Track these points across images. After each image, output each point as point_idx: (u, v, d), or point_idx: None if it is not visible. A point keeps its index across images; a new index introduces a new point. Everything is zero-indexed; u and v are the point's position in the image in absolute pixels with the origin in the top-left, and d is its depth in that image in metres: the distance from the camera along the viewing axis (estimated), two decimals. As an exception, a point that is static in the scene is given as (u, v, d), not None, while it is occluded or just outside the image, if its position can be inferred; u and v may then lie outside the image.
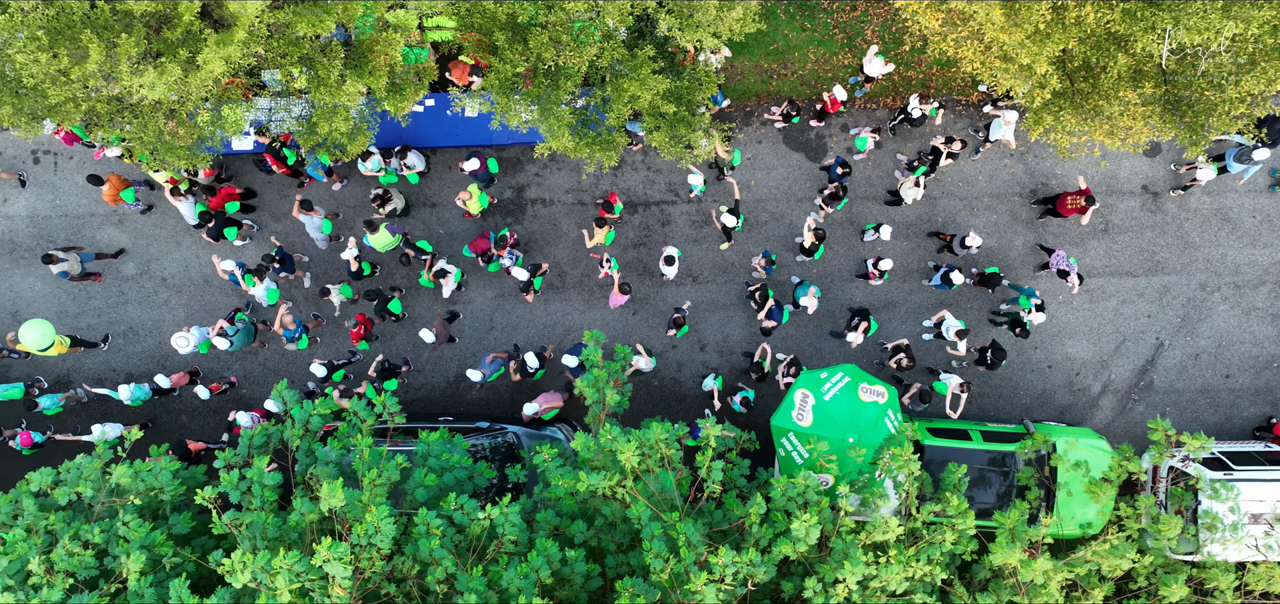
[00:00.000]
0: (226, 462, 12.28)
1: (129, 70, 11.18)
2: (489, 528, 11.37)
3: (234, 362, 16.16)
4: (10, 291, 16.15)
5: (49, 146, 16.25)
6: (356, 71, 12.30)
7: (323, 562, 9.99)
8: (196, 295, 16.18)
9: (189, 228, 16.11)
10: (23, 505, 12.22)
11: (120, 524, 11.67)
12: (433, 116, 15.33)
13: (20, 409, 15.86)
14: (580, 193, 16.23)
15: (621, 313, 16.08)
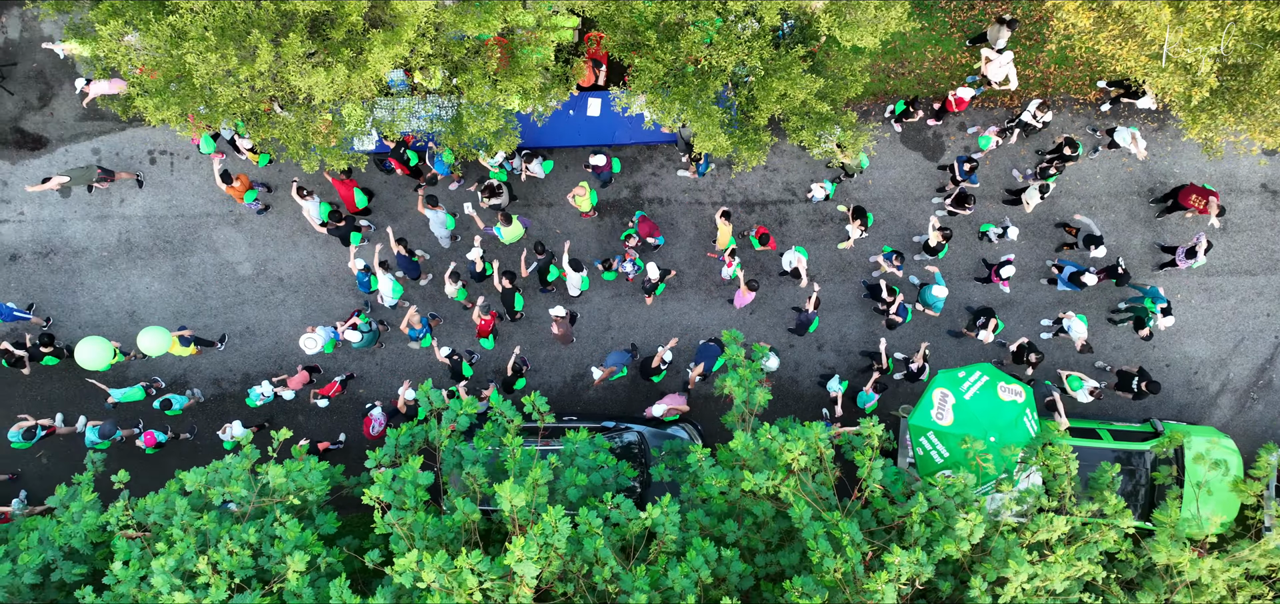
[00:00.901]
0: (377, 461, 12.29)
1: (296, 70, 11.18)
2: (648, 528, 11.33)
3: (351, 361, 16.15)
4: (127, 291, 16.13)
5: (165, 147, 16.24)
6: (508, 72, 12.29)
7: (516, 561, 9.96)
8: (313, 295, 16.16)
9: (306, 228, 16.10)
10: (175, 505, 12.20)
11: (277, 525, 11.67)
12: (554, 116, 15.31)
13: (138, 409, 15.89)
14: (697, 192, 16.21)
15: (739, 312, 16.04)
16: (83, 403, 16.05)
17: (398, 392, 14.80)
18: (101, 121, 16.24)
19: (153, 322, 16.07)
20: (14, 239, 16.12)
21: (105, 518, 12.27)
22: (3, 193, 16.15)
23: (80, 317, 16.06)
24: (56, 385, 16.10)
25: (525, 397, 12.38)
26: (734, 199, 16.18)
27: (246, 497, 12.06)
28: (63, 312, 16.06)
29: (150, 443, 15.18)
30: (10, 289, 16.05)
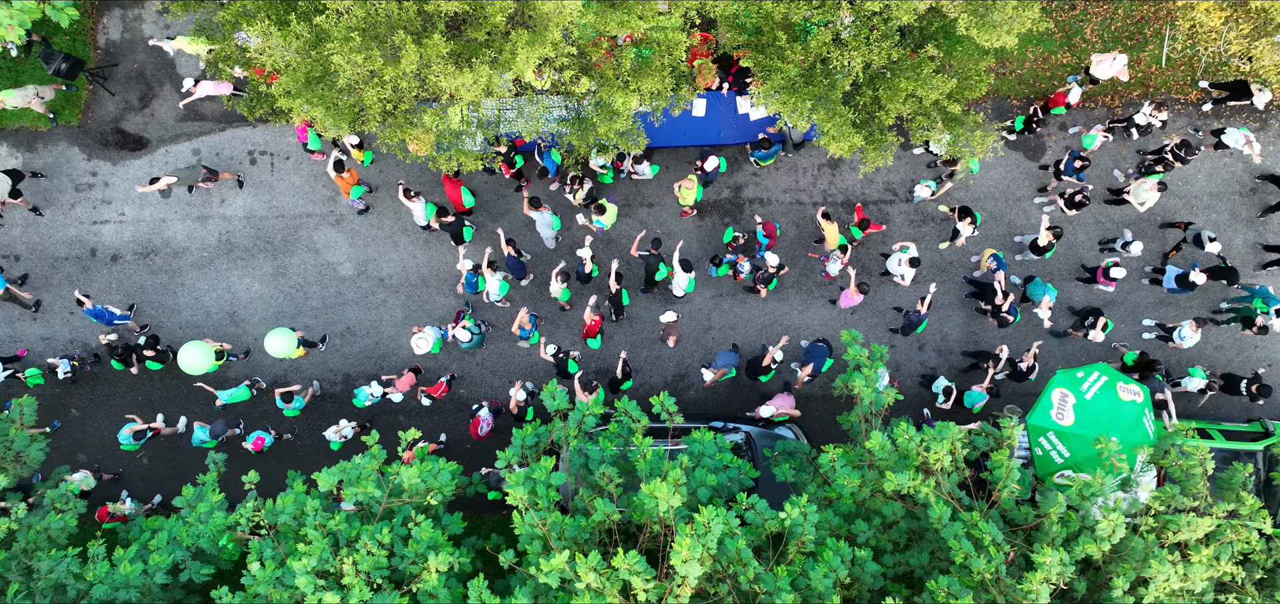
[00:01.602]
0: (508, 461, 12.30)
1: (441, 71, 11.18)
2: (786, 528, 11.31)
3: (452, 362, 16.14)
4: (228, 292, 16.13)
5: (265, 147, 16.25)
6: (638, 74, 12.27)
7: (682, 562, 9.94)
8: (414, 296, 16.15)
9: (407, 228, 16.10)
10: (307, 506, 12.18)
11: (412, 525, 11.67)
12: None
13: (239, 410, 15.91)
14: (798, 192, 16.20)
15: (840, 312, 16.03)
16: (183, 404, 16.05)
17: (509, 393, 14.78)
18: (201, 122, 16.24)
19: (253, 322, 16.07)
20: (115, 240, 16.12)
21: (233, 518, 12.27)
22: (104, 193, 16.15)
23: (180, 317, 16.05)
24: (156, 386, 16.10)
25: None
26: (835, 199, 16.17)
27: (378, 497, 12.05)
28: (163, 312, 16.06)
29: (258, 447, 15.18)
30: (111, 289, 16.04)
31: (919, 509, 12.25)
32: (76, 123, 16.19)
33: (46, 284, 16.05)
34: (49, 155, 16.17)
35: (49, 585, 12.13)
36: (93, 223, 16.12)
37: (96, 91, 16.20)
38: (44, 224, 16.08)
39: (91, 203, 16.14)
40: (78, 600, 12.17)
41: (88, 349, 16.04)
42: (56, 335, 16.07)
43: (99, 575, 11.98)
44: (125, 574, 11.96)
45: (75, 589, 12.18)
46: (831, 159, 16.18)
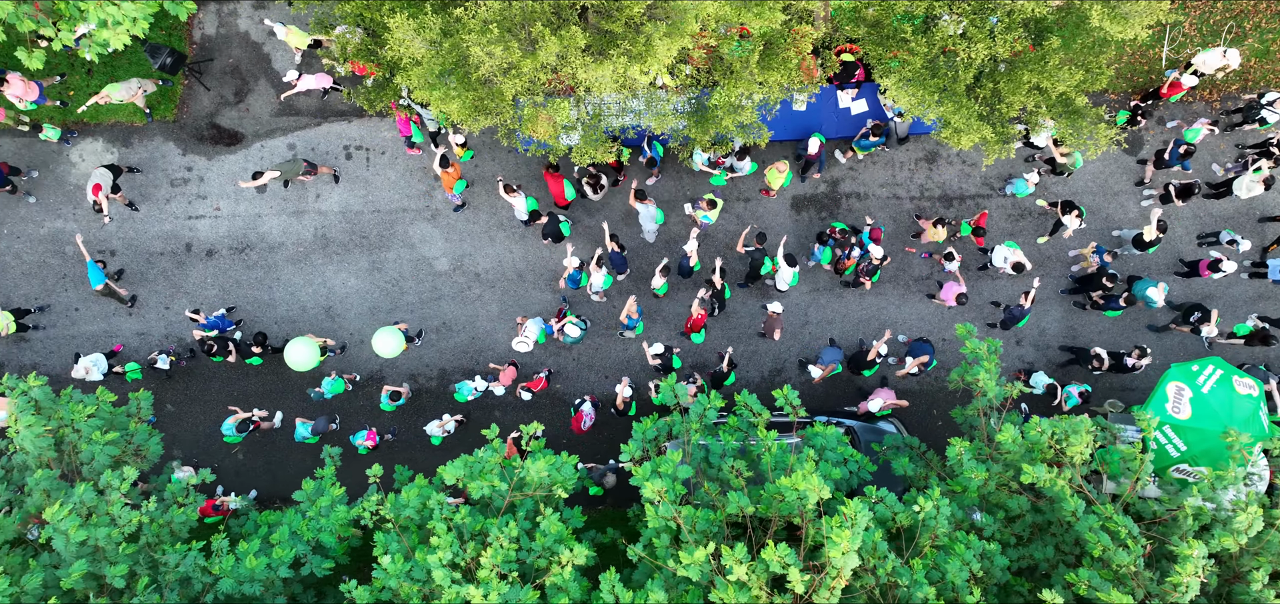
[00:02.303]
0: (631, 454, 12.29)
1: (579, 63, 11.15)
2: (918, 521, 11.27)
3: (547, 356, 16.10)
4: (324, 287, 16.11)
5: (360, 142, 16.23)
6: (764, 67, 12.23)
7: (841, 553, 9.89)
8: (510, 290, 16.12)
9: (502, 223, 16.08)
10: (431, 500, 12.15)
11: (542, 519, 11.64)
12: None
13: (333, 405, 15.91)
14: (895, 187, 16.15)
15: (937, 307, 15.97)
16: (278, 398, 16.04)
17: (615, 389, 14.75)
18: (297, 117, 16.23)
19: (349, 316, 16.05)
20: (210, 235, 16.11)
21: (356, 512, 12.28)
22: (199, 189, 16.14)
23: (276, 312, 16.03)
24: (252, 382, 16.08)
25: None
26: (932, 194, 16.12)
27: (503, 490, 12.03)
28: (259, 307, 16.04)
29: (372, 441, 15.16)
30: (207, 284, 16.03)
31: (1043, 503, 12.22)
32: (172, 118, 16.17)
33: (142, 279, 16.04)
34: (144, 150, 16.16)
35: (176, 579, 12.11)
36: (188, 218, 16.11)
37: (192, 86, 16.19)
38: (139, 219, 16.07)
39: (187, 198, 16.12)
40: (203, 594, 12.14)
41: (183, 344, 16.03)
42: (152, 330, 16.05)
43: (225, 569, 11.95)
44: (250, 568, 11.94)
45: (201, 582, 12.15)
46: (928, 153, 16.13)
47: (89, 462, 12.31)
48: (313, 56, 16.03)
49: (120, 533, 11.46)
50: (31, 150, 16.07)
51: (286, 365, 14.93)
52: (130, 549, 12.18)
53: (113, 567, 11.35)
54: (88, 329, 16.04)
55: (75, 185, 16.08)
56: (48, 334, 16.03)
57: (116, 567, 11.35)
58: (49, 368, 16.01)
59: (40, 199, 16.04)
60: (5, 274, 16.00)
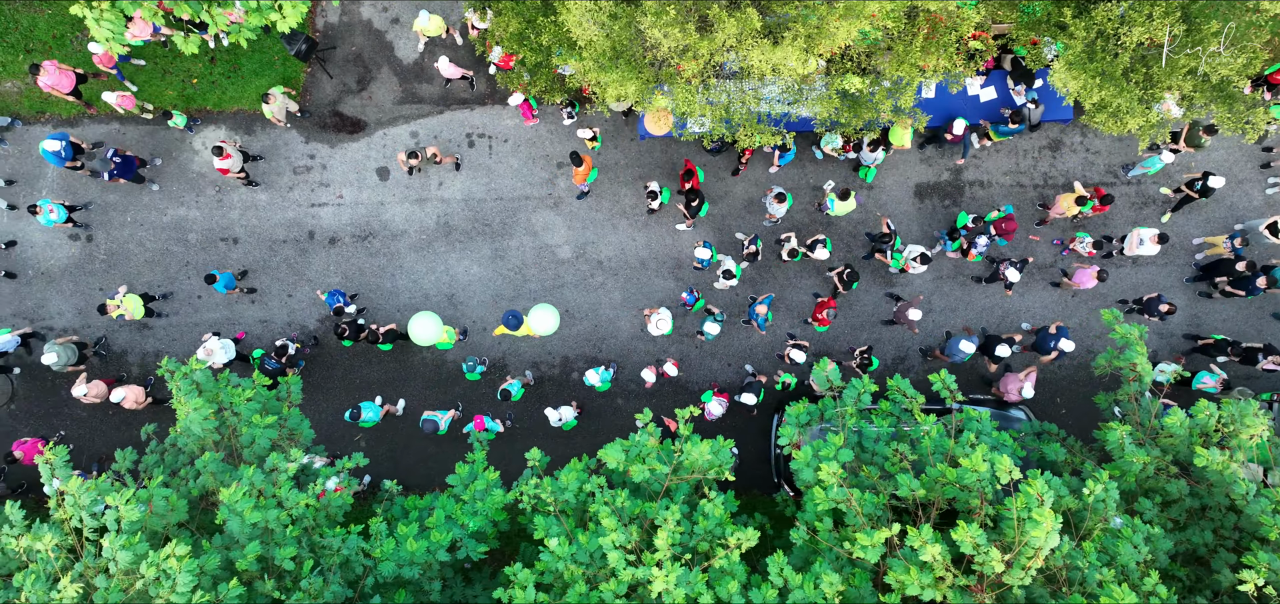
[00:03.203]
0: (790, 440, 12.31)
1: (756, 46, 11.14)
2: (1087, 505, 11.24)
3: (670, 345, 16.10)
4: (446, 274, 16.12)
5: (483, 130, 16.24)
6: (929, 49, 12.21)
7: (1045, 533, 9.86)
8: (632, 278, 16.12)
9: (625, 211, 16.07)
10: (589, 484, 12.14)
11: (707, 503, 11.63)
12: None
13: (455, 391, 15.94)
14: (1019, 175, 16.12)
15: (1063, 294, 15.94)
16: (401, 385, 16.06)
17: (743, 383, 14.75)
18: (419, 105, 16.25)
19: (471, 304, 16.07)
20: (333, 222, 16.13)
21: (513, 496, 12.29)
22: (322, 176, 16.16)
23: (399, 300, 16.04)
24: (374, 369, 16.11)
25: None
26: (1056, 181, 16.08)
27: (664, 473, 12.02)
28: (382, 295, 16.05)
29: (480, 427, 15.14)
30: (330, 272, 16.05)
31: (1201, 487, 12.18)
32: (294, 105, 16.19)
33: (265, 267, 16.07)
34: (267, 138, 16.19)
35: (337, 562, 12.13)
36: (311, 206, 16.13)
37: (315, 74, 16.22)
38: (262, 206, 16.10)
39: (309, 186, 16.15)
40: (363, 577, 12.15)
41: (307, 332, 16.05)
42: (274, 318, 16.08)
43: (386, 552, 11.96)
44: (410, 551, 11.95)
45: (361, 565, 12.16)
46: (1052, 141, 16.09)
47: (249, 444, 12.34)
48: (437, 43, 16.05)
49: (287, 515, 11.47)
50: (155, 138, 16.10)
51: (406, 355, 14.96)
52: (295, 532, 12.21)
53: (281, 549, 11.36)
54: (210, 316, 16.06)
55: (197, 173, 16.11)
56: (171, 322, 16.06)
57: (284, 549, 11.35)
58: (173, 355, 16.03)
59: (163, 187, 16.07)
60: (128, 261, 16.04)
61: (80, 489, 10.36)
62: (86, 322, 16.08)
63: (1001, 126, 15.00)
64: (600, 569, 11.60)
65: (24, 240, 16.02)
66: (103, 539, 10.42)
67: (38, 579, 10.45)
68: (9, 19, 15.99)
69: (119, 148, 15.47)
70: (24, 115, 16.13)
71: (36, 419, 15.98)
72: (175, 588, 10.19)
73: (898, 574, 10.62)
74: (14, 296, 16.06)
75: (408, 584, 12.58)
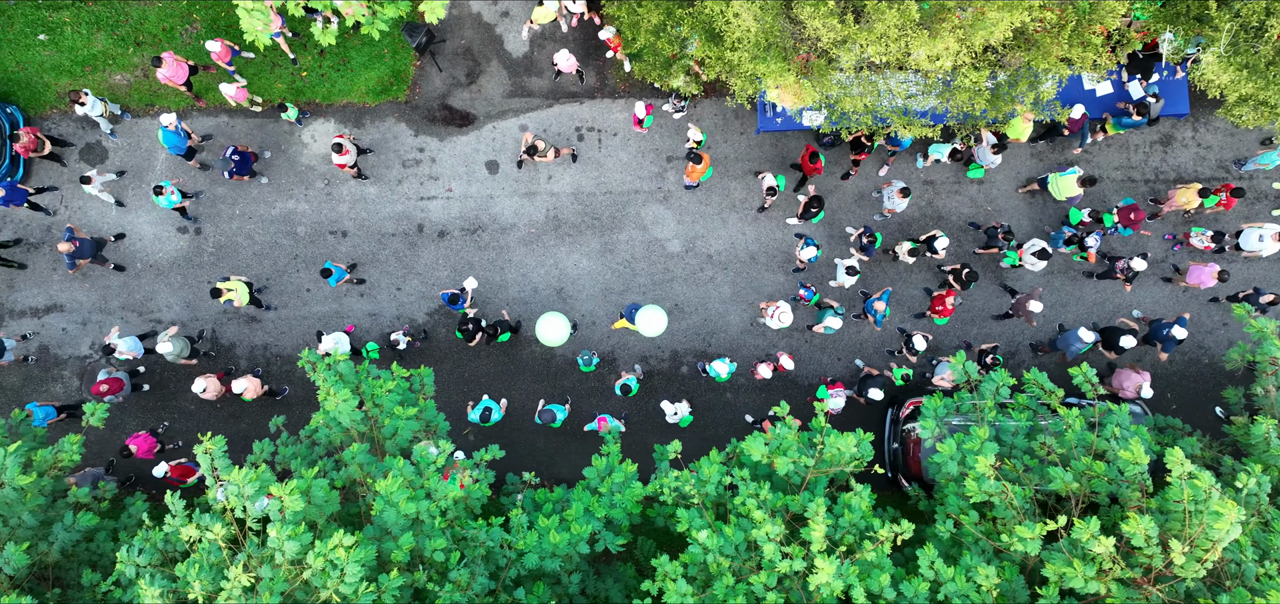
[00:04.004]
0: (933, 432, 12.33)
1: (915, 37, 11.11)
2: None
3: (780, 339, 16.07)
4: (556, 268, 16.10)
5: (592, 123, 16.22)
6: (1074, 38, 12.17)
7: (1228, 524, 9.82)
8: (742, 272, 16.10)
9: (735, 204, 16.05)
10: (737, 475, 12.12)
11: (852, 495, 11.63)
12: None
13: (564, 385, 15.94)
14: (1130, 170, 16.07)
15: (1176, 289, 15.89)
16: (510, 379, 16.05)
17: (860, 378, 14.73)
18: (528, 98, 16.23)
19: (581, 298, 16.05)
20: (442, 216, 16.12)
21: (651, 489, 12.29)
22: (431, 169, 16.15)
23: (508, 293, 16.03)
24: (483, 363, 16.10)
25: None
26: (1166, 176, 16.04)
27: (809, 464, 12.01)
28: (491, 288, 16.04)
29: (603, 427, 15.12)
30: (438, 265, 16.05)
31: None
32: (403, 98, 16.20)
33: (373, 261, 16.06)
34: (376, 131, 16.19)
35: (480, 554, 12.13)
36: (420, 199, 16.12)
37: (424, 67, 16.21)
38: (371, 199, 16.09)
39: (418, 179, 16.14)
40: (506, 569, 12.15)
41: (417, 326, 16.05)
42: (383, 312, 16.07)
43: (529, 544, 11.96)
44: (553, 543, 11.95)
45: (504, 557, 12.16)
46: (1163, 136, 16.05)
47: (391, 436, 12.34)
48: (549, 35, 16.04)
49: (436, 507, 11.46)
50: (263, 131, 16.11)
51: (515, 349, 14.92)
52: (442, 523, 12.21)
53: (430, 540, 11.36)
54: (319, 309, 16.07)
55: (306, 166, 16.11)
56: (279, 314, 16.06)
57: (434, 541, 11.35)
58: (280, 349, 16.06)
59: (272, 180, 16.07)
60: (237, 254, 16.04)
61: (244, 479, 10.33)
62: (194, 314, 16.08)
63: (1123, 119, 14.94)
64: (746, 562, 11.58)
65: (133, 233, 16.04)
66: (266, 529, 10.44)
67: (203, 569, 10.46)
68: (119, 12, 15.99)
69: (239, 145, 15.47)
70: (133, 108, 16.14)
71: (143, 412, 15.98)
72: (344, 579, 10.19)
73: (1058, 567, 10.58)
74: (123, 289, 16.07)
75: (546, 576, 12.59)
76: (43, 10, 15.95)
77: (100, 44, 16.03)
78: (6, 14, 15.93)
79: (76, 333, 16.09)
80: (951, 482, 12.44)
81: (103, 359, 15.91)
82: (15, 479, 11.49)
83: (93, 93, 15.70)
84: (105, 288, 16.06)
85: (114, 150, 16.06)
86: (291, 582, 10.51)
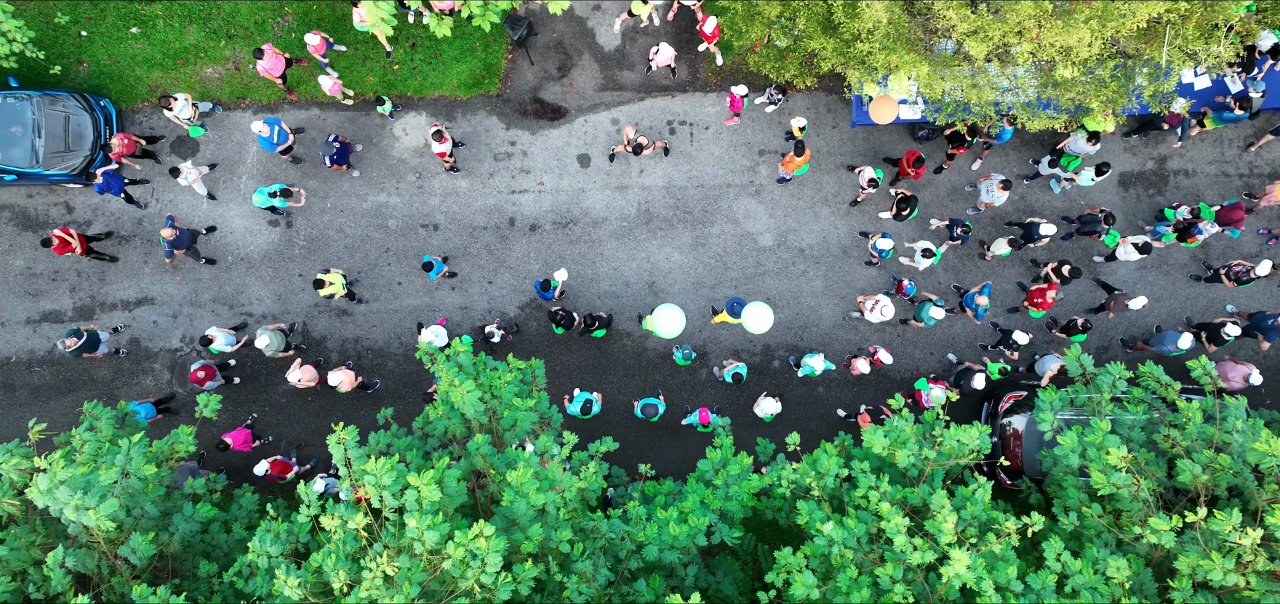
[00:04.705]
0: (1052, 425, 12.30)
1: (1048, 26, 11.08)
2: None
3: (872, 333, 16.05)
4: (647, 262, 16.10)
5: (684, 117, 16.21)
6: (1197, 35, 12.14)
7: None
8: (834, 267, 16.07)
9: (827, 198, 16.03)
10: (856, 467, 12.09)
11: (976, 487, 11.60)
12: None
13: (660, 379, 15.93)
14: (1224, 164, 16.03)
15: (1266, 288, 15.86)
16: (601, 374, 16.05)
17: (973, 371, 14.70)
18: (620, 92, 16.22)
19: (672, 292, 16.04)
20: (533, 209, 16.11)
21: (767, 481, 12.29)
22: (523, 163, 16.14)
23: (599, 287, 16.03)
24: (574, 357, 16.09)
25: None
26: (1261, 171, 15.99)
27: (930, 456, 11.98)
28: (582, 282, 16.03)
29: (704, 420, 15.11)
30: (530, 259, 16.04)
31: None
32: (495, 92, 16.19)
33: (465, 254, 16.06)
34: (468, 124, 16.19)
35: (599, 545, 12.12)
36: (511, 192, 16.12)
37: (516, 61, 16.21)
38: (463, 193, 16.09)
39: (510, 172, 16.14)
40: (626, 560, 12.16)
41: (509, 319, 16.05)
42: (474, 305, 16.07)
43: (649, 536, 11.95)
44: (673, 534, 11.93)
45: (623, 548, 12.16)
46: (1258, 130, 16.00)
47: (511, 427, 12.33)
48: (636, 26, 16.04)
49: (561, 498, 11.45)
50: (354, 124, 16.11)
51: (608, 343, 14.91)
52: (566, 514, 12.21)
53: (556, 532, 11.35)
54: (410, 303, 16.07)
55: (398, 159, 16.11)
56: (371, 308, 16.07)
57: (560, 532, 11.34)
58: (371, 342, 16.06)
59: (364, 173, 16.08)
60: (328, 247, 16.05)
61: (382, 469, 10.33)
62: (285, 307, 16.09)
63: (1224, 113, 14.90)
64: (868, 554, 11.56)
65: (223, 227, 16.05)
66: (402, 519, 10.44)
67: (340, 559, 10.46)
68: (211, 5, 16.01)
69: (339, 135, 15.49)
70: (225, 101, 16.15)
71: (234, 405, 15.98)
72: (485, 568, 10.18)
73: (1192, 559, 10.55)
74: (213, 282, 16.08)
75: (661, 568, 12.58)
76: (135, 4, 15.97)
77: (192, 37, 16.04)
78: (99, 7, 15.94)
79: (167, 326, 16.11)
80: (1069, 474, 12.42)
81: (196, 351, 15.92)
82: (140, 469, 11.50)
83: (184, 89, 15.77)
84: (196, 281, 16.08)
85: (204, 144, 16.07)
86: (429, 572, 10.51)
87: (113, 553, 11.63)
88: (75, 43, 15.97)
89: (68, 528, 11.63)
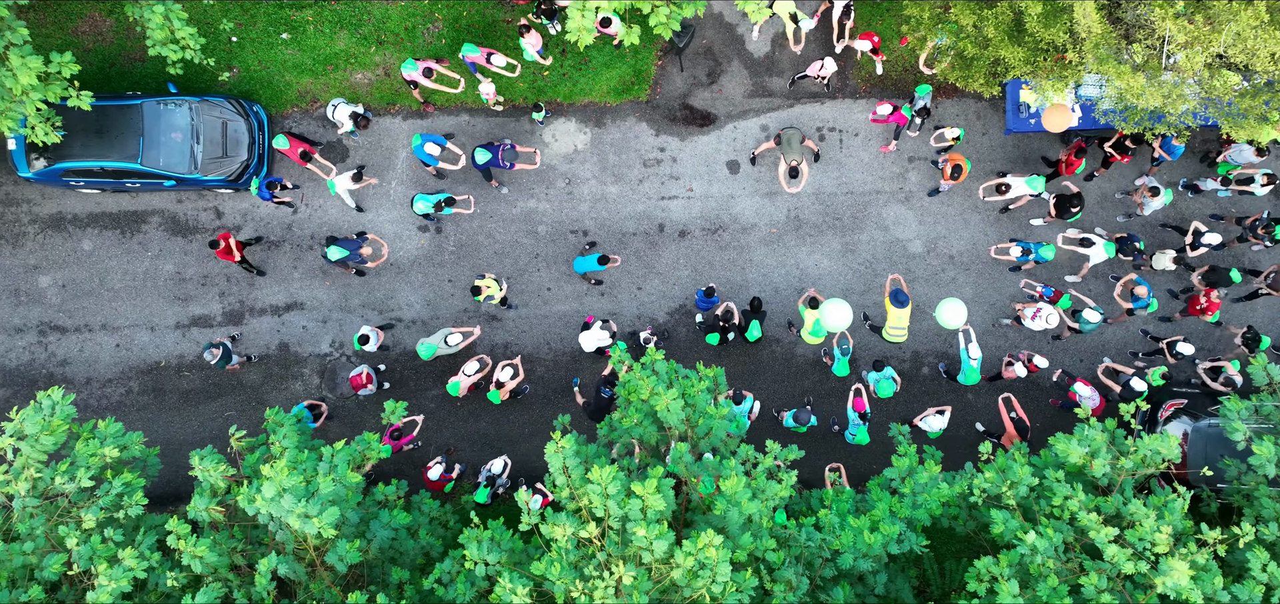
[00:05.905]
0: (1244, 434, 12.31)
1: (1266, 35, 11.06)
2: None
3: (1023, 341, 16.07)
4: (796, 268, 16.13)
5: (833, 123, 16.23)
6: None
7: None
8: (984, 274, 16.08)
9: (977, 206, 16.04)
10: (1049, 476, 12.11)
11: (1157, 498, 11.66)
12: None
13: (804, 384, 15.97)
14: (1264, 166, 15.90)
15: None
16: (752, 379, 16.09)
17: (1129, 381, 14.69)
18: (769, 98, 16.26)
19: (824, 297, 16.06)
20: (682, 215, 16.16)
21: (959, 488, 12.33)
22: (672, 169, 16.19)
23: (748, 294, 16.04)
24: (723, 363, 16.07)
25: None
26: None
27: (1126, 465, 11.97)
28: (731, 289, 16.07)
29: (860, 408, 15.14)
30: (679, 265, 16.09)
31: None
32: (644, 98, 16.24)
33: (614, 259, 16.15)
34: (618, 130, 16.23)
35: (797, 553, 12.16)
36: (660, 198, 16.17)
37: (665, 67, 16.25)
38: (612, 199, 16.14)
39: (659, 179, 16.18)
40: (821, 567, 12.20)
41: (658, 325, 16.09)
42: (623, 311, 16.12)
43: (845, 544, 11.99)
44: (867, 542, 11.97)
45: (818, 557, 12.20)
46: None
47: (705, 435, 12.34)
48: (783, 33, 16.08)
49: (767, 506, 11.54)
50: (504, 130, 16.16)
51: (758, 349, 15.00)
52: (768, 523, 12.26)
53: (759, 541, 11.42)
54: (559, 308, 16.13)
55: (547, 165, 16.17)
56: (520, 314, 16.13)
57: (764, 541, 11.41)
58: (521, 348, 16.12)
59: (513, 180, 16.13)
60: (478, 253, 16.11)
61: (608, 477, 10.38)
62: (434, 313, 16.17)
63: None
64: (1066, 563, 11.57)
65: (373, 231, 16.11)
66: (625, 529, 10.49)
67: (564, 568, 10.51)
68: (362, 11, 16.07)
69: (512, 140, 15.60)
70: (374, 107, 16.22)
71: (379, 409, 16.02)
72: (715, 578, 10.23)
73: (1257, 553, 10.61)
74: (363, 288, 16.16)
75: (850, 576, 12.61)
76: (286, 9, 16.04)
77: (342, 43, 16.11)
78: (250, 13, 16.02)
79: (316, 331, 16.19)
80: (1262, 483, 12.43)
81: (349, 357, 16.00)
82: (346, 476, 11.60)
83: (333, 95, 15.91)
84: (346, 286, 16.15)
85: (355, 149, 16.15)
86: (657, 581, 10.56)
87: (319, 560, 11.70)
88: (226, 48, 16.05)
89: (275, 534, 11.73)
